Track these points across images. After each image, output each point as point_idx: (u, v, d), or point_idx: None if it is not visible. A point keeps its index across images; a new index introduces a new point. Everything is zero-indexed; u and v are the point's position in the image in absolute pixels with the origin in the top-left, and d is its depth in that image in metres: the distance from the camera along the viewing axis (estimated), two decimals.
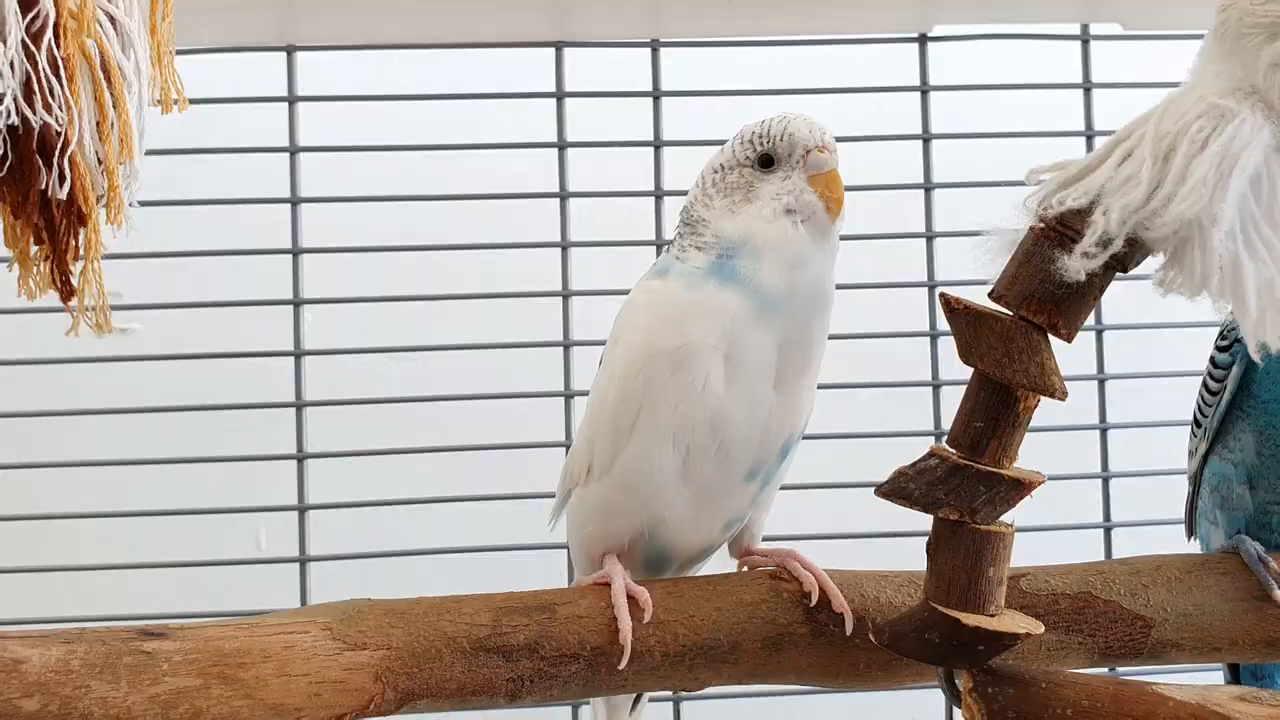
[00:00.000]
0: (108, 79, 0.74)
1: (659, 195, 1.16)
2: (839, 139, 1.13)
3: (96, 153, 0.74)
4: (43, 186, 0.71)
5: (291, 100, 1.15)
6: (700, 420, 0.80)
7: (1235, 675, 0.97)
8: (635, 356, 0.81)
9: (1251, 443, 0.89)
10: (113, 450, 1.14)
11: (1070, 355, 0.73)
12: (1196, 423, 0.93)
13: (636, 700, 0.93)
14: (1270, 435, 0.88)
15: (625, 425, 0.81)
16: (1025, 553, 0.79)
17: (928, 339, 1.18)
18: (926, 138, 1.19)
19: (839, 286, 0.86)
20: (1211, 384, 0.91)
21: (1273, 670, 0.96)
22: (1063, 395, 0.70)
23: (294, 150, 1.15)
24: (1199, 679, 0.87)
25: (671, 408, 0.80)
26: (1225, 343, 0.90)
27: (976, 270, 0.73)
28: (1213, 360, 0.91)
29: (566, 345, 1.15)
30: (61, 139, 0.71)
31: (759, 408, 0.80)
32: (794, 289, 0.79)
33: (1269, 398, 0.88)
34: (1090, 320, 1.08)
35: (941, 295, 0.72)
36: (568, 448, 1.09)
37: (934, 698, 0.84)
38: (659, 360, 0.80)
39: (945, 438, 0.73)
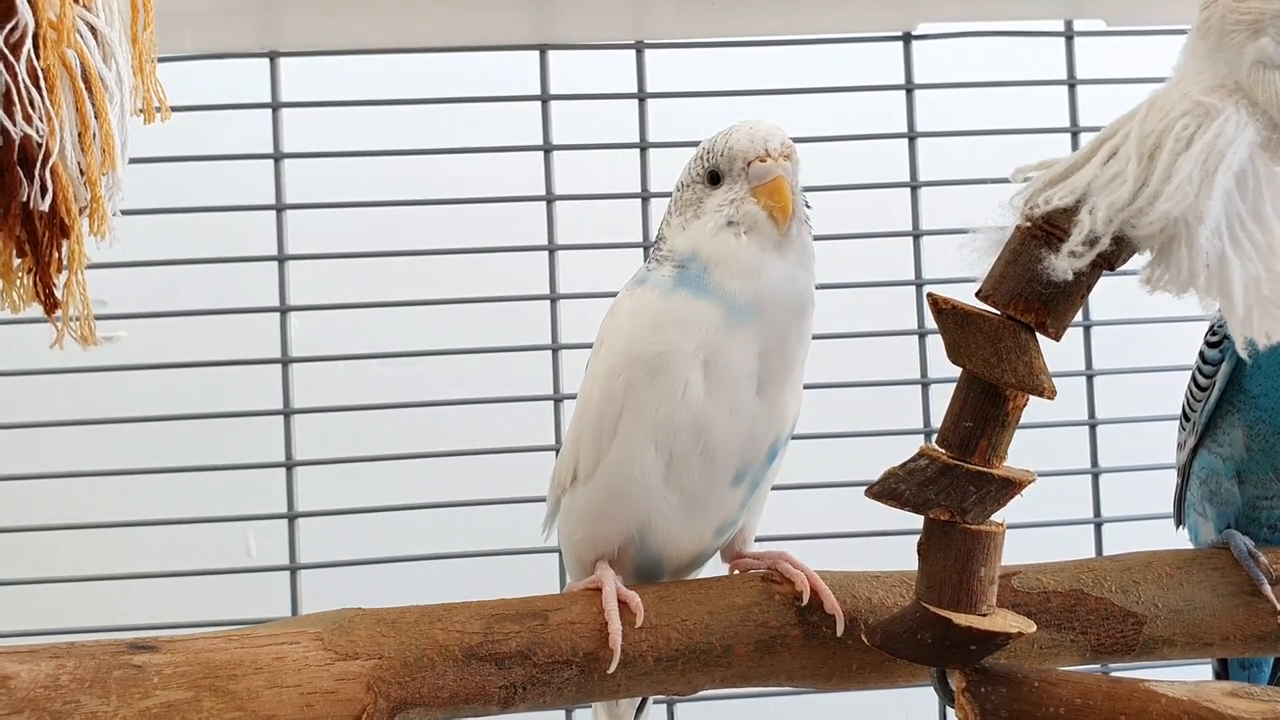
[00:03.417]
0: (89, 89, 0.73)
1: (645, 197, 1.16)
2: (824, 138, 1.15)
3: (78, 163, 0.73)
4: (24, 199, 0.71)
5: (275, 106, 1.15)
6: (681, 425, 0.80)
7: (1224, 667, 0.97)
8: (616, 361, 0.82)
9: (1240, 437, 0.89)
10: (99, 460, 1.13)
11: (1059, 351, 0.74)
12: (1185, 416, 0.94)
13: (640, 709, 0.93)
14: (1259, 430, 0.88)
15: (608, 428, 0.82)
16: (1016, 550, 0.79)
17: (916, 338, 1.18)
18: (912, 136, 1.19)
19: (826, 285, 0.86)
20: (1201, 379, 0.91)
21: (1261, 661, 0.96)
22: (1051, 394, 0.70)
23: (278, 156, 1.14)
24: (1189, 671, 0.88)
25: (652, 412, 0.80)
26: (1215, 338, 0.90)
27: (963, 269, 0.73)
28: (1202, 355, 0.91)
29: (555, 349, 1.15)
30: (43, 150, 0.71)
31: (742, 413, 0.81)
32: (760, 297, 0.79)
33: (1259, 392, 0.88)
34: (1078, 316, 1.09)
35: (929, 295, 0.72)
36: (557, 451, 1.09)
37: (927, 698, 0.83)
38: (638, 365, 0.81)
39: (935, 437, 0.73)
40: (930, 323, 1.08)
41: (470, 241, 1.15)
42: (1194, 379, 0.92)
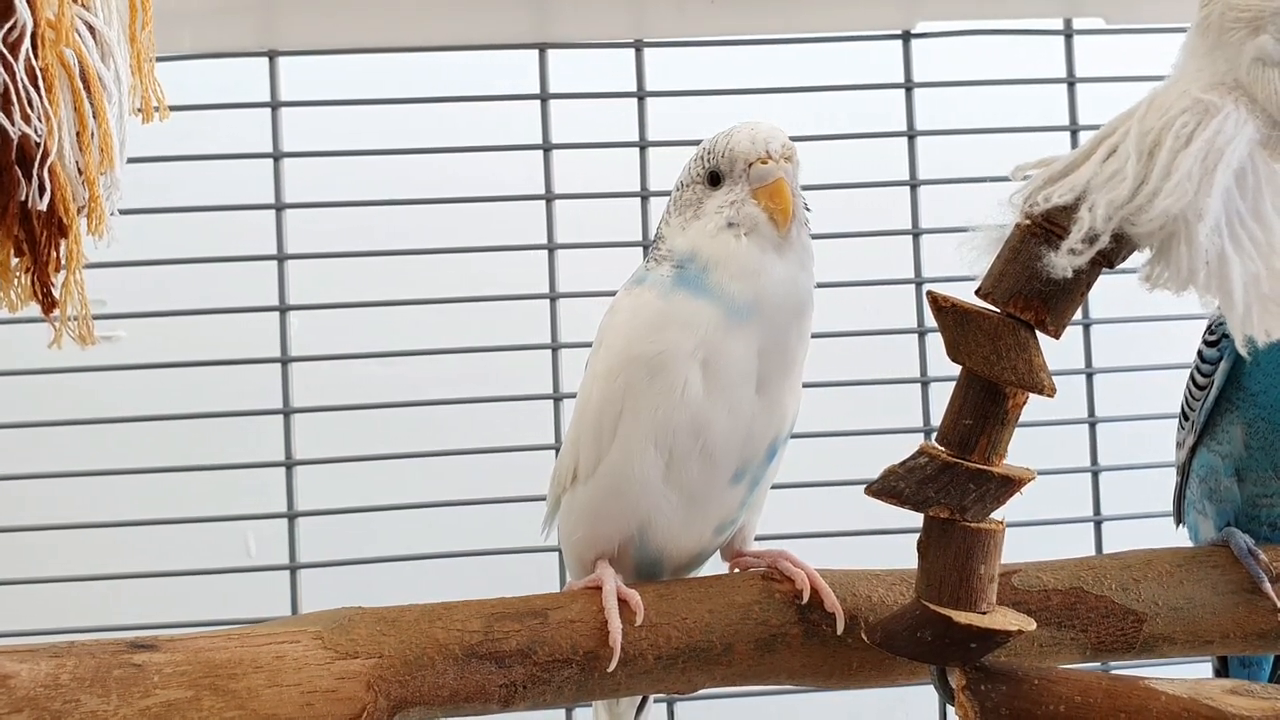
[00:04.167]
0: (87, 89, 0.73)
1: (645, 196, 1.16)
2: (824, 137, 1.15)
3: (77, 163, 0.73)
4: (22, 198, 0.71)
5: (274, 105, 1.15)
6: (680, 424, 0.80)
7: (1224, 665, 0.97)
8: (615, 361, 0.82)
9: (1240, 435, 0.89)
10: (99, 460, 1.13)
11: (1058, 350, 0.74)
12: (1184, 415, 0.94)
13: (641, 709, 0.93)
14: (1259, 428, 0.88)
15: (608, 428, 0.82)
16: (1016, 548, 0.79)
17: (915, 336, 1.18)
18: (911, 135, 1.19)
19: (825, 284, 0.86)
20: (1199, 378, 0.91)
21: (1261, 659, 0.96)
22: (1051, 392, 0.70)
23: (278, 156, 1.14)
24: (1189, 669, 0.88)
25: (651, 411, 0.80)
26: (1213, 337, 0.90)
27: (963, 267, 0.73)
28: (1200, 354, 0.91)
29: (554, 348, 1.15)
30: (41, 150, 0.71)
31: (740, 412, 0.81)
32: (760, 298, 0.79)
33: (1258, 390, 0.88)
34: (1078, 314, 1.09)
35: (929, 294, 0.72)
36: (556, 450, 1.09)
37: (927, 696, 0.83)
38: (637, 365, 0.81)
39: (935, 435, 0.73)
40: (930, 321, 1.08)
41: (470, 240, 1.15)
42: (1192, 377, 0.92)
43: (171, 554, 1.13)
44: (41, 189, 0.71)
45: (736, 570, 0.88)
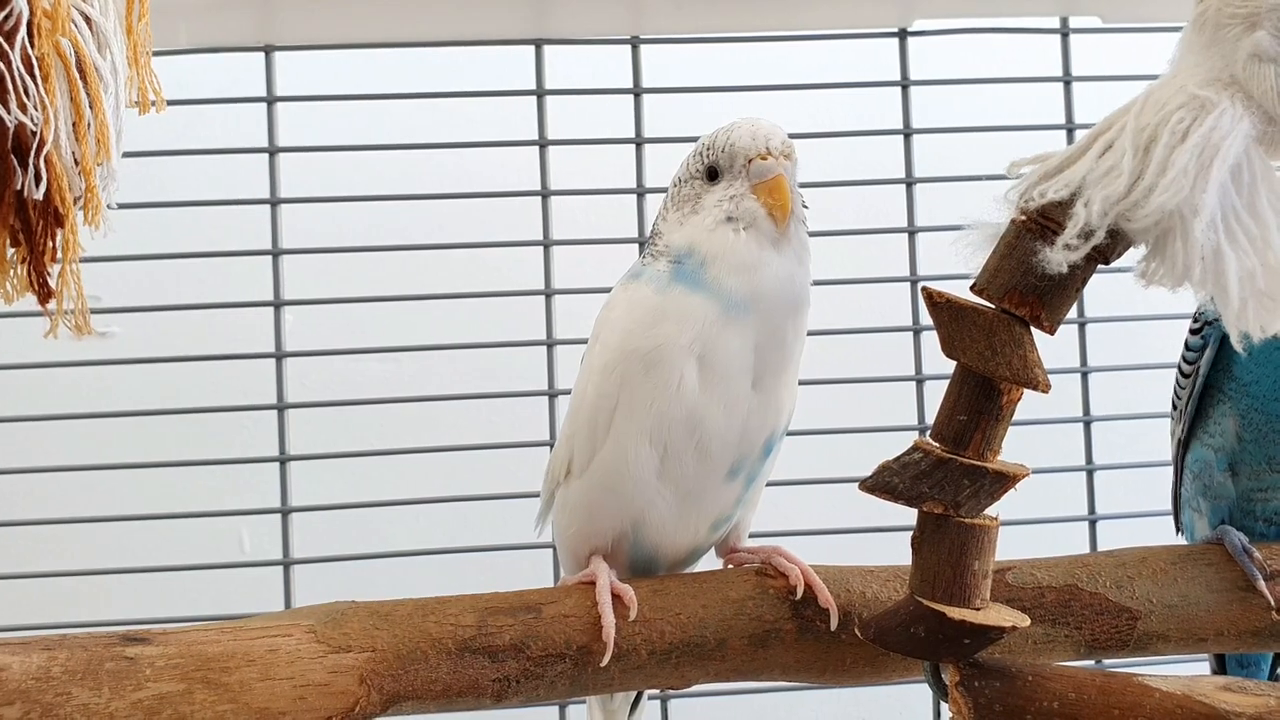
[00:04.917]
0: (83, 79, 0.73)
1: (641, 193, 1.16)
2: (820, 135, 1.15)
3: (73, 153, 0.73)
4: (18, 187, 0.71)
5: (270, 100, 1.14)
6: (676, 419, 0.80)
7: (1221, 664, 0.97)
8: (611, 355, 0.82)
9: (1232, 427, 0.89)
10: (93, 454, 1.13)
11: (1054, 348, 0.74)
12: (1174, 405, 0.94)
13: (635, 705, 0.92)
14: (1252, 419, 0.88)
15: (603, 423, 0.82)
16: (1010, 545, 0.79)
17: (910, 333, 1.18)
18: (907, 132, 1.19)
19: (821, 282, 0.86)
20: (1185, 366, 0.91)
21: (1259, 659, 0.96)
22: (1046, 388, 0.70)
23: (273, 151, 1.14)
24: (1187, 669, 0.88)
25: (647, 406, 0.80)
26: (1197, 325, 0.90)
27: (959, 264, 0.73)
28: (1186, 343, 0.91)
29: (550, 344, 1.15)
30: (37, 139, 0.70)
31: (736, 407, 0.81)
32: (757, 293, 0.79)
33: (1250, 380, 0.88)
34: (1073, 313, 1.09)
35: (924, 290, 0.72)
36: (551, 446, 1.09)
37: (922, 693, 0.83)
38: (633, 360, 0.81)
39: (929, 431, 0.73)
40: (925, 319, 1.08)
41: (465, 236, 1.15)
42: (1179, 367, 0.92)
43: (165, 549, 1.13)
44: (38, 178, 0.71)
45: (730, 566, 0.88)
